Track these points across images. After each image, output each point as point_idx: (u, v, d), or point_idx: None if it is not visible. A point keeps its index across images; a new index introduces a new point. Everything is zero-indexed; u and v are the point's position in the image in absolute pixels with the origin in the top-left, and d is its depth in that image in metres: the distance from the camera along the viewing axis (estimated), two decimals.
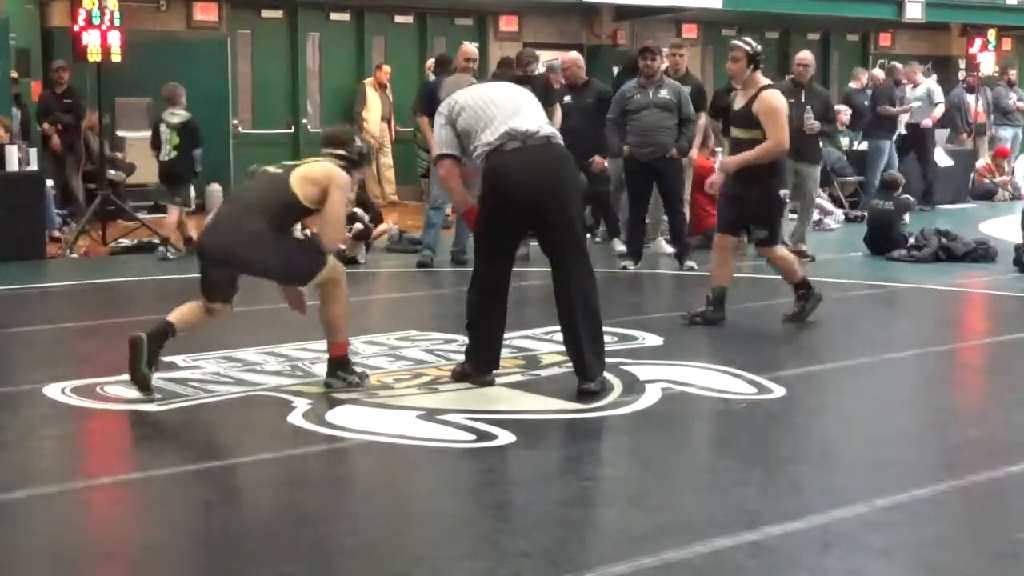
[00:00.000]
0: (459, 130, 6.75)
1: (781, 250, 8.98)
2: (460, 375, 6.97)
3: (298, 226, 13.02)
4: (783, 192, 8.91)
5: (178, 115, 13.26)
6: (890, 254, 12.43)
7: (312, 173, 6.62)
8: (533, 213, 6.65)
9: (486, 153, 6.63)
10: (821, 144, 13.14)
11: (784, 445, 5.88)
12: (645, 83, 11.75)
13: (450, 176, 6.86)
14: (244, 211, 6.69)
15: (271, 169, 6.89)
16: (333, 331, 6.76)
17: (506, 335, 7.14)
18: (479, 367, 6.93)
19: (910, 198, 13.13)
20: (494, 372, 6.97)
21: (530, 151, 6.61)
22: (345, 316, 6.78)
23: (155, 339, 6.50)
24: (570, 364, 6.97)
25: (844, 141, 18.19)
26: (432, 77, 13.80)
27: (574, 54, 13.64)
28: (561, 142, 6.88)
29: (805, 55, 12.88)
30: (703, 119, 12.59)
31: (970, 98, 20.53)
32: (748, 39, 8.95)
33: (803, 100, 12.22)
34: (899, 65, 19.09)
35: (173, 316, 6.67)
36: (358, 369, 6.93)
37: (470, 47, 12.62)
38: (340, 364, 6.80)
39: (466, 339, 7.03)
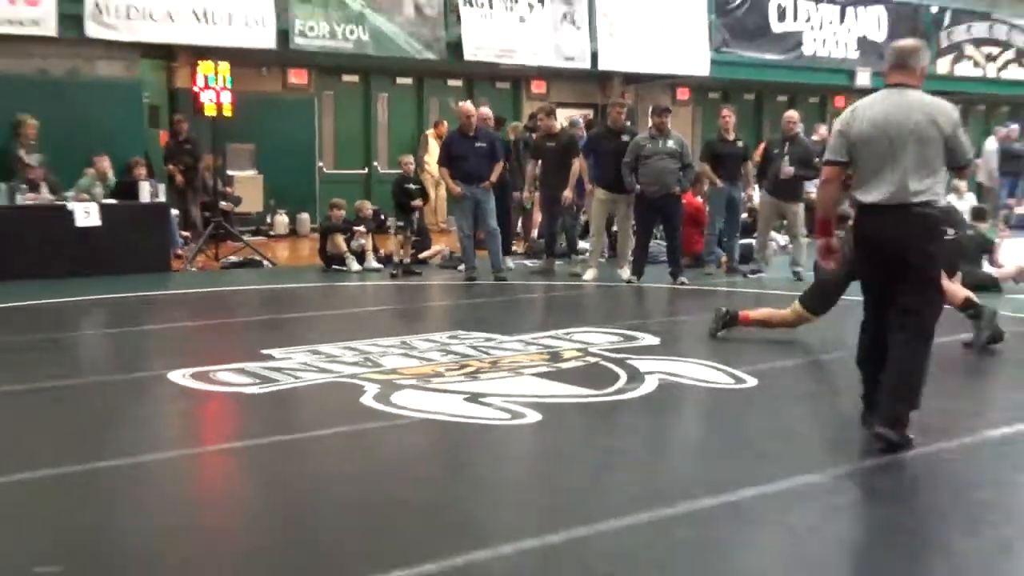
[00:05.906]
0: (854, 153, 5.19)
1: None
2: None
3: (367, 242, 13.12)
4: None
5: None
6: None
7: None
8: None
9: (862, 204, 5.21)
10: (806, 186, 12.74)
11: (755, 425, 5.82)
12: (656, 135, 11.79)
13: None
14: None
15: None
16: (763, 314, 8.16)
17: (534, 334, 7.01)
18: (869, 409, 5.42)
19: None
20: None
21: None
22: (771, 321, 8.06)
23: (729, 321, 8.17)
24: (584, 357, 6.88)
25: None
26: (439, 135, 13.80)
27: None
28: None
29: (792, 114, 12.64)
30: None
31: None
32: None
33: (785, 150, 12.16)
34: None
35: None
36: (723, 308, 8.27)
37: (466, 104, 12.55)
38: (727, 320, 8.16)
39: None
